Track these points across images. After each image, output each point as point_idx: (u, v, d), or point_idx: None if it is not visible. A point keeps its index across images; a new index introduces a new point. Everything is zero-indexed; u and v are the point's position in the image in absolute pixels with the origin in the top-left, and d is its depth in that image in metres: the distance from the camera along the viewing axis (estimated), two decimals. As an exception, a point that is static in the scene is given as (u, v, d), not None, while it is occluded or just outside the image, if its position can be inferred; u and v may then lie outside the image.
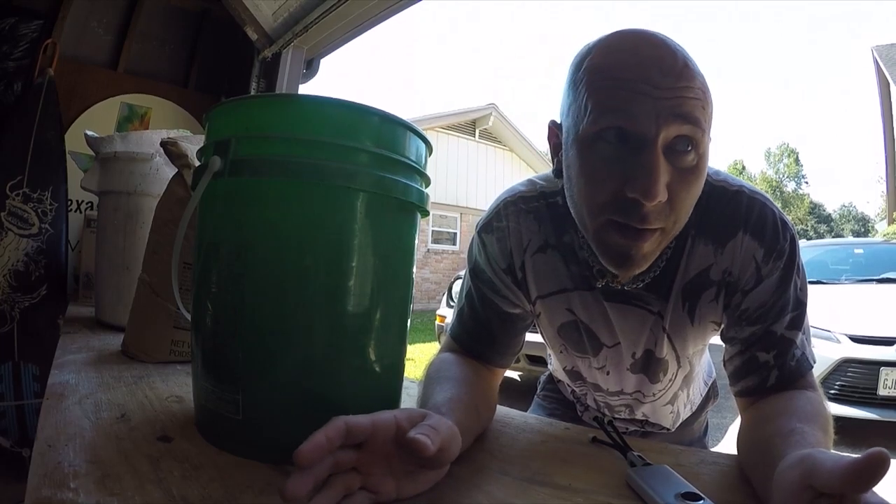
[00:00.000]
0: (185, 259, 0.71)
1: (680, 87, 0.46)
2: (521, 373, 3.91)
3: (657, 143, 0.46)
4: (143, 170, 1.08)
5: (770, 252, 0.55)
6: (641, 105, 0.46)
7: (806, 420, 0.46)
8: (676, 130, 0.46)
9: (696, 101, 0.46)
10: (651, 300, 0.62)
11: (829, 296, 3.64)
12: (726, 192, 0.58)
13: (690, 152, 0.47)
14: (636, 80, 0.46)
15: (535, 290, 0.66)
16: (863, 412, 2.82)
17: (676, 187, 0.48)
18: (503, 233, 0.65)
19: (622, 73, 0.47)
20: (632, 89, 0.46)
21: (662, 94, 0.45)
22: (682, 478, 0.43)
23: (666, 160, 0.47)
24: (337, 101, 0.47)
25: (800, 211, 26.68)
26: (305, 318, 0.46)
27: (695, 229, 0.58)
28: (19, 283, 1.47)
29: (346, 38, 1.67)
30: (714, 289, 0.59)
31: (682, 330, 0.63)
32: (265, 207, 0.46)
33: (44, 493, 0.37)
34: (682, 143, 0.47)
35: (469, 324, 0.68)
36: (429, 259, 10.57)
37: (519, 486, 0.44)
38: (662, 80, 0.45)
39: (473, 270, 0.68)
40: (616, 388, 0.75)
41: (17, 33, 1.67)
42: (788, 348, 0.56)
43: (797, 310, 0.57)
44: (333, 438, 0.35)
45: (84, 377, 0.68)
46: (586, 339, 0.68)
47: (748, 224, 0.56)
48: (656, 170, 0.45)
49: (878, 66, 10.43)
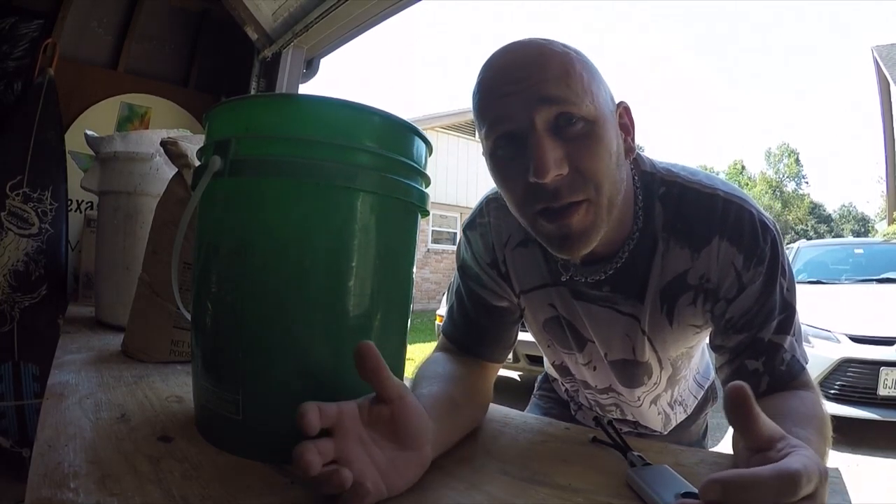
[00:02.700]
0: (185, 259, 0.71)
1: (536, 73, 0.49)
2: (520, 373, 3.91)
3: (536, 128, 0.49)
4: (143, 170, 1.08)
5: (750, 257, 0.55)
6: (510, 105, 0.50)
7: (800, 423, 0.46)
8: (547, 112, 0.49)
9: (556, 80, 0.49)
10: (619, 301, 0.62)
11: (829, 296, 3.64)
12: (700, 194, 0.57)
13: (576, 122, 0.50)
14: (500, 85, 0.51)
15: (518, 285, 0.67)
16: (863, 412, 2.82)
17: (575, 156, 0.50)
18: (485, 228, 0.67)
19: (489, 85, 0.52)
20: (499, 94, 0.51)
21: (522, 87, 0.49)
22: (682, 478, 0.43)
23: (554, 137, 0.50)
24: (337, 101, 0.47)
25: (800, 211, 26.66)
26: (305, 318, 0.46)
27: (666, 231, 0.58)
28: (19, 283, 1.47)
29: (346, 38, 1.67)
30: (691, 293, 0.59)
31: (662, 332, 0.63)
32: (265, 207, 0.46)
33: (44, 493, 0.37)
34: (562, 118, 0.50)
35: (459, 320, 0.69)
36: (429, 259, 10.57)
37: (519, 486, 0.44)
38: (520, 74, 0.50)
39: (461, 268, 0.71)
40: (604, 384, 0.75)
41: (17, 33, 1.67)
42: (777, 353, 0.55)
43: (784, 312, 0.56)
44: (308, 414, 0.37)
45: (84, 377, 0.68)
46: (569, 335, 0.69)
47: (724, 229, 0.55)
48: (539, 148, 0.49)
49: (878, 66, 10.43)
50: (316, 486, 0.36)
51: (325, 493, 0.36)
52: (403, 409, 0.41)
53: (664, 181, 0.59)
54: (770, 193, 26.35)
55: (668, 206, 0.58)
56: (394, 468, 0.40)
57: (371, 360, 0.40)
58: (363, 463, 0.38)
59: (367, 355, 0.40)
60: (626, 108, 0.57)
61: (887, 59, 10.09)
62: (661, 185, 0.59)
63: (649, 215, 0.58)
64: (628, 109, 0.57)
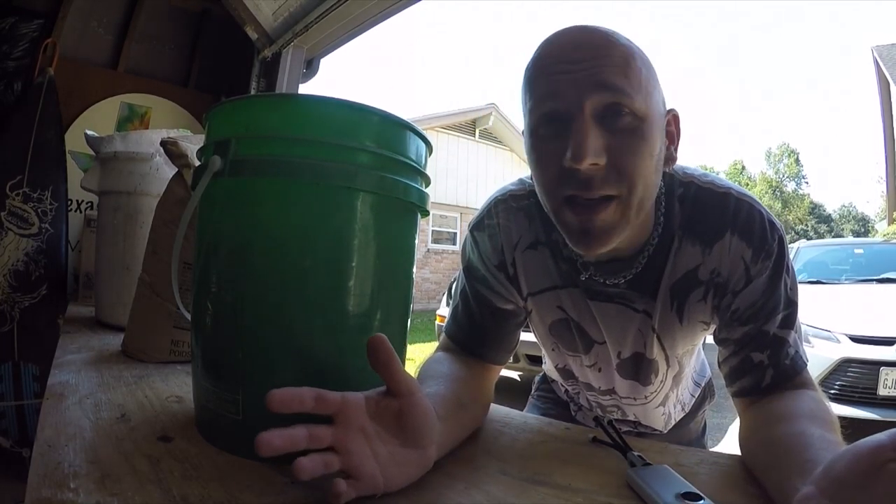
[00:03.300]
0: (185, 259, 0.71)
1: (597, 58, 0.48)
2: (520, 373, 3.91)
3: (584, 112, 0.48)
4: (143, 170, 1.08)
5: (759, 252, 0.56)
6: (562, 84, 0.49)
7: (819, 423, 0.46)
8: (600, 99, 0.48)
9: (615, 69, 0.48)
10: (634, 298, 0.62)
11: (829, 296, 3.64)
12: (714, 193, 0.58)
13: (626, 115, 0.49)
14: (555, 63, 0.50)
15: (526, 287, 0.67)
16: (863, 412, 2.82)
17: (617, 149, 0.49)
18: (494, 230, 0.66)
19: (545, 62, 0.51)
20: (553, 72, 0.50)
21: (580, 67, 0.48)
22: (682, 478, 0.43)
23: (600, 126, 0.49)
24: (337, 100, 0.47)
25: (800, 211, 26.64)
26: (305, 319, 0.46)
27: (681, 229, 0.59)
28: (19, 283, 1.47)
29: (346, 38, 1.67)
30: (702, 289, 0.59)
31: (672, 329, 0.63)
32: (265, 207, 0.46)
33: (44, 493, 0.37)
34: (613, 108, 0.49)
35: (463, 321, 0.69)
36: (429, 259, 10.57)
37: (519, 486, 0.44)
38: (579, 55, 0.49)
39: (467, 268, 0.70)
40: (607, 386, 0.75)
41: (17, 33, 1.67)
42: (782, 347, 0.56)
43: (788, 308, 0.57)
44: (304, 391, 0.37)
45: (84, 377, 0.68)
46: (577, 337, 0.69)
47: (736, 225, 0.56)
48: (581, 132, 0.48)
49: (878, 66, 10.43)
50: (304, 471, 0.35)
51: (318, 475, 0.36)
52: (413, 405, 0.41)
53: (682, 182, 0.60)
54: (770, 193, 26.32)
55: (685, 206, 0.59)
56: (394, 463, 0.40)
57: (383, 353, 0.40)
58: (362, 454, 0.38)
59: (379, 347, 0.40)
60: (676, 116, 0.56)
61: (887, 59, 10.09)
62: (679, 186, 0.60)
63: (669, 217, 0.59)
64: (677, 118, 0.56)
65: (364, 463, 0.38)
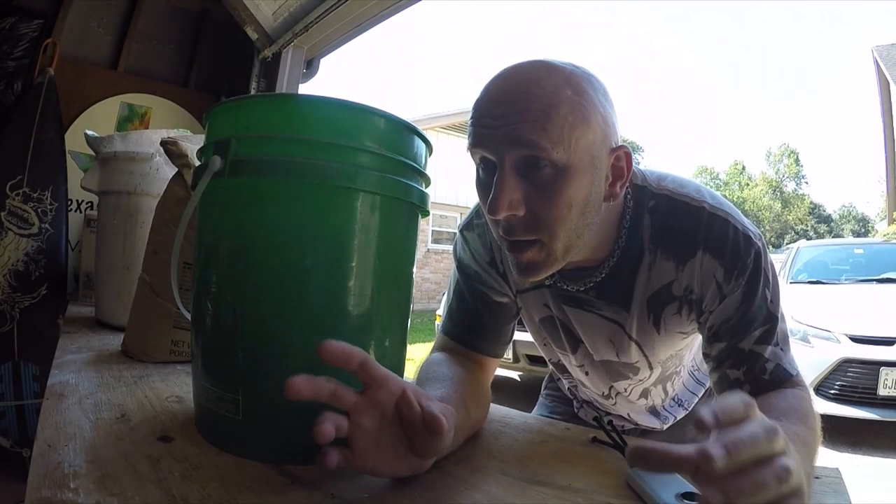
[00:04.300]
0: (185, 259, 0.71)
1: (516, 113, 0.50)
2: (521, 373, 3.91)
3: (504, 166, 0.51)
4: (143, 170, 1.08)
5: (731, 270, 0.56)
6: (487, 137, 0.52)
7: (782, 414, 0.47)
8: (517, 154, 0.50)
9: (532, 125, 0.49)
10: (602, 307, 0.64)
11: (829, 296, 3.64)
12: (688, 207, 0.58)
13: (544, 167, 0.51)
14: (482, 117, 0.52)
15: (515, 285, 0.69)
16: (863, 412, 2.82)
17: (535, 201, 0.51)
18: (483, 228, 0.68)
19: (476, 113, 0.53)
20: (480, 125, 0.52)
21: (500, 123, 0.50)
22: (682, 478, 0.43)
23: (521, 178, 0.51)
24: (337, 101, 0.47)
25: (800, 211, 26.61)
26: (305, 319, 0.46)
27: (653, 243, 0.59)
28: (19, 283, 1.48)
29: (346, 38, 1.67)
30: (676, 303, 0.60)
31: (650, 338, 0.65)
32: (265, 207, 0.46)
33: (44, 493, 0.37)
34: (530, 161, 0.51)
35: (459, 316, 0.70)
36: (429, 259, 10.57)
37: (519, 486, 0.44)
38: (500, 111, 0.51)
39: (460, 266, 0.72)
40: (598, 389, 0.77)
41: (17, 33, 1.67)
42: (757, 363, 0.56)
43: (767, 324, 0.57)
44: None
45: (84, 377, 0.68)
46: (563, 335, 0.71)
47: (708, 243, 0.56)
48: (499, 186, 0.51)
49: (878, 66, 10.43)
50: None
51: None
52: (436, 427, 0.39)
53: (654, 194, 0.60)
54: (770, 193, 26.31)
55: (656, 219, 0.59)
56: (391, 456, 0.40)
57: (336, 358, 0.38)
58: (368, 433, 0.38)
59: (331, 356, 0.38)
60: (627, 153, 0.55)
61: (887, 59, 10.09)
62: (651, 198, 0.60)
63: (636, 228, 0.60)
64: (629, 155, 0.56)
65: (365, 437, 0.38)
